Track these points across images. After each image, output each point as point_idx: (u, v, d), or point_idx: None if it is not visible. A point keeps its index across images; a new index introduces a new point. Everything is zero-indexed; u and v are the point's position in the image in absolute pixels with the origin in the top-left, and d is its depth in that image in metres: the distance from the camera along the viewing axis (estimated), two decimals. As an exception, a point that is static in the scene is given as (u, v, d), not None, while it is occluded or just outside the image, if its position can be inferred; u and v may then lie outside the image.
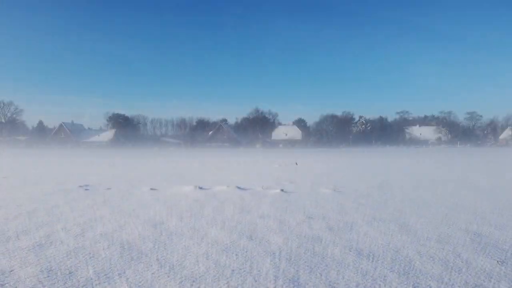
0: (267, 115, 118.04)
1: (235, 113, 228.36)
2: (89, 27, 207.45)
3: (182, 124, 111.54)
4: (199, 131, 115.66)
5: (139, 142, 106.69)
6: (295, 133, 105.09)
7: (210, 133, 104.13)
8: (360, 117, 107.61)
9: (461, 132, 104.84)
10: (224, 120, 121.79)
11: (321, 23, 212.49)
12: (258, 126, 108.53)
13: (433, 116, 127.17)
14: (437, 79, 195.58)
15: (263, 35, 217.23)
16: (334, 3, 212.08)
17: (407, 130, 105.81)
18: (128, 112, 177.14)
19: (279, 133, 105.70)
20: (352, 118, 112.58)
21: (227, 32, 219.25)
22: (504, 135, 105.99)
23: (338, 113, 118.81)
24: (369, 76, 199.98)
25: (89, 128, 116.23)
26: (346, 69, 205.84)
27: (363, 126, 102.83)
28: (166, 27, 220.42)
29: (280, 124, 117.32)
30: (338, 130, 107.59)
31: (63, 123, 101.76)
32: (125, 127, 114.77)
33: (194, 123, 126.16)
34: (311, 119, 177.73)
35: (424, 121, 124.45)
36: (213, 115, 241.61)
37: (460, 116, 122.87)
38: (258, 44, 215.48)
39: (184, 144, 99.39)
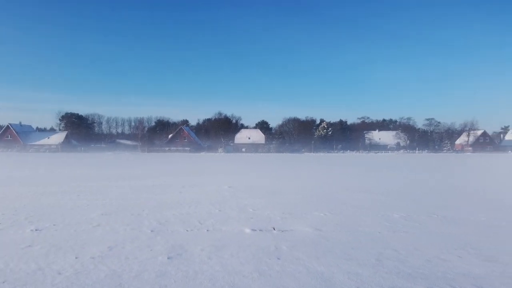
0: (230, 118, 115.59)
1: (197, 113, 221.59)
2: (38, 17, 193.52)
3: (140, 124, 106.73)
4: (158, 132, 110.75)
5: (93, 144, 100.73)
6: (259, 137, 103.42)
7: (170, 136, 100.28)
8: (322, 121, 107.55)
9: (420, 137, 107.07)
10: (185, 122, 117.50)
11: (284, 23, 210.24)
12: (221, 129, 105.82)
13: (391, 120, 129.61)
14: (399, 85, 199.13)
15: (225, 33, 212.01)
16: (293, 3, 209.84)
17: (367, 135, 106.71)
18: (82, 111, 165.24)
19: (242, 137, 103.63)
20: (314, 122, 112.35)
21: (188, 27, 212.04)
22: (459, 140, 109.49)
23: (301, 116, 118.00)
24: (332, 79, 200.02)
25: (38, 130, 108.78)
26: (310, 71, 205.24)
27: (325, 130, 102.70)
28: (124, 20, 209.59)
29: (243, 126, 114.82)
30: (300, 134, 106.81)
31: (10, 124, 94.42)
32: (79, 126, 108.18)
33: (153, 123, 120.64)
34: (274, 122, 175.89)
35: (383, 124, 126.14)
36: (174, 115, 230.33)
37: (419, 122, 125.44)
38: (222, 42, 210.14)
39: (141, 148, 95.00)
